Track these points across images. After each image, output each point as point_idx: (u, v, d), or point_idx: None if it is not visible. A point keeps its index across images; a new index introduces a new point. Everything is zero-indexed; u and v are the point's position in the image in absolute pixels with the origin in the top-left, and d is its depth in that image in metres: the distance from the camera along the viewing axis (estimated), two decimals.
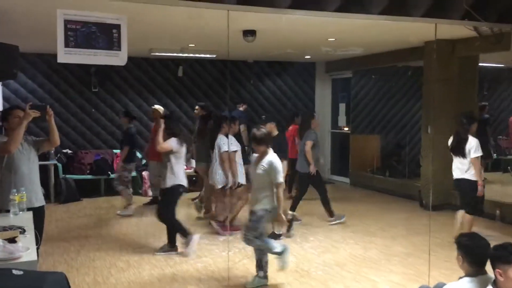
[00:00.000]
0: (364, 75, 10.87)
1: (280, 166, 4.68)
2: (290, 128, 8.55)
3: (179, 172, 5.71)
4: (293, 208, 7.09)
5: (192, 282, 4.97)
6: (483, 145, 6.21)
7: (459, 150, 5.90)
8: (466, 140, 5.85)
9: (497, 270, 2.78)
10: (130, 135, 7.83)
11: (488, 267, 2.92)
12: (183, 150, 5.81)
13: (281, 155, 6.12)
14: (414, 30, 6.41)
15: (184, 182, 5.76)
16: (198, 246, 6.08)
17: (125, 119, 8.00)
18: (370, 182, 9.70)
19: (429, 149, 8.00)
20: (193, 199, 7.88)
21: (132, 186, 8.28)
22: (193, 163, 8.22)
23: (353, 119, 10.69)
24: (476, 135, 5.99)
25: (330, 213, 7.18)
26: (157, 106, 8.37)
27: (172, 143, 5.67)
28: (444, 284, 3.18)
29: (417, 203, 8.31)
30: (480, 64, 8.44)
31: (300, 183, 7.41)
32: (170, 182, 5.65)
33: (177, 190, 5.72)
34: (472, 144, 5.82)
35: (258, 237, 4.69)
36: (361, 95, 10.88)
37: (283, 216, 4.71)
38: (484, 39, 6.31)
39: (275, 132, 6.31)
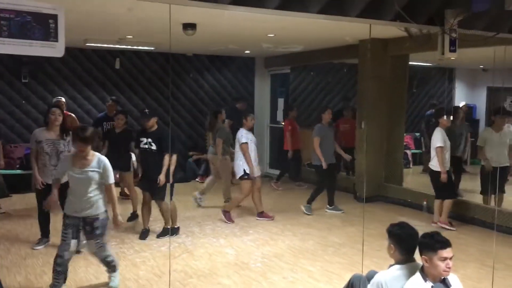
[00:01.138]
0: (302, 71, 11.09)
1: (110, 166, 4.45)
2: (285, 121, 9.54)
3: None
4: (310, 201, 7.51)
5: (130, 277, 4.92)
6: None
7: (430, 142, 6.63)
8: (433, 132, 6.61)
9: (423, 256, 2.98)
10: None
11: (417, 255, 3.11)
12: None
13: (172, 150, 5.95)
14: (350, 29, 6.64)
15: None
16: (137, 242, 6.02)
17: None
18: (308, 175, 9.94)
19: (362, 143, 8.33)
20: None
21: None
22: None
23: None
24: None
25: (309, 200, 7.56)
26: (61, 98, 8.12)
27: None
28: (376, 272, 3.34)
29: (352, 195, 8.64)
30: (410, 62, 8.89)
31: (318, 175, 7.69)
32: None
33: None
34: (435, 135, 6.43)
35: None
36: (299, 91, 11.10)
37: (119, 218, 4.45)
38: (414, 40, 6.65)
39: (155, 127, 6.19)
